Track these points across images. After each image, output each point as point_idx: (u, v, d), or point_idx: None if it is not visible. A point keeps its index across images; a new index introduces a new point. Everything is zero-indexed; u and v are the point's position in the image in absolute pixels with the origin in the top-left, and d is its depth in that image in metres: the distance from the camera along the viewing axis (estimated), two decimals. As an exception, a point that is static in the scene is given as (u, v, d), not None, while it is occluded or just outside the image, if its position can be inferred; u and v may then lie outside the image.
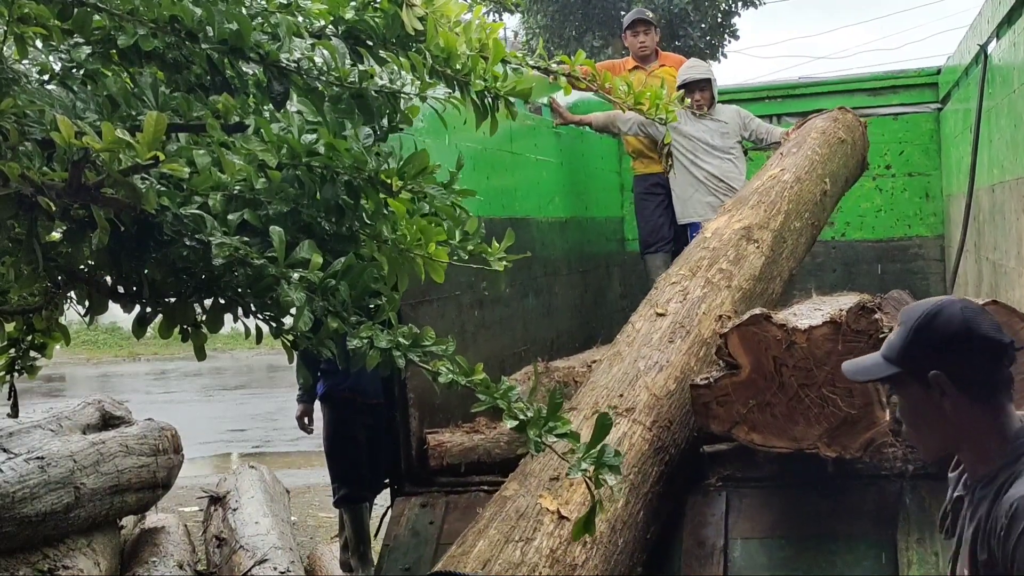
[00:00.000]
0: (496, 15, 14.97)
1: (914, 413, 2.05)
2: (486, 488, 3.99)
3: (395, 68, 2.64)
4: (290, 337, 2.42)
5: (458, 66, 2.73)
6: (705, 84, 6.33)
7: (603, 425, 2.45)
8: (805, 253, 4.99)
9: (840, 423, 3.40)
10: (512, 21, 21.11)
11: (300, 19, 2.65)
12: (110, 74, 2.47)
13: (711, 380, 3.49)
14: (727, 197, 6.19)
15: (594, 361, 5.11)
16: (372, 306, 2.48)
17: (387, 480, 4.20)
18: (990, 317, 2.03)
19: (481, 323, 4.80)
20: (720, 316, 3.98)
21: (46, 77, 2.50)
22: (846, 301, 4.04)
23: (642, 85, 6.46)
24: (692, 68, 6.47)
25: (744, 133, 6.43)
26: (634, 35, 6.93)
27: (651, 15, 7.10)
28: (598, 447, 2.44)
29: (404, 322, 2.53)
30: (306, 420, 5.74)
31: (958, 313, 2.00)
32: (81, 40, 2.48)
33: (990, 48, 5.17)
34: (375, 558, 5.08)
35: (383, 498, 5.07)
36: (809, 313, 3.62)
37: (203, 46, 2.41)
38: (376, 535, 4.29)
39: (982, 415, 1.98)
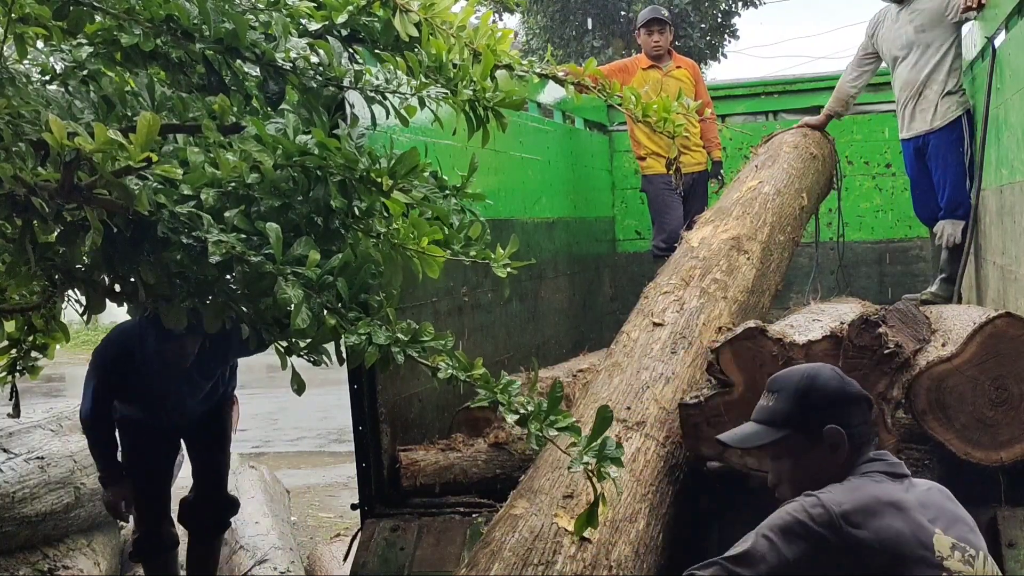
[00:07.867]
0: (497, 15, 14.83)
1: (797, 469, 2.27)
2: (462, 510, 3.78)
3: (391, 68, 2.66)
4: (283, 344, 2.44)
5: (450, 75, 2.73)
6: None
7: (604, 418, 2.47)
8: (786, 269, 4.76)
9: (841, 446, 3.14)
10: (512, 21, 20.94)
11: (290, 18, 2.64)
12: (112, 74, 2.48)
13: (701, 399, 3.23)
14: (927, 102, 5.46)
15: (580, 370, 4.87)
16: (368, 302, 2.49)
17: (356, 503, 3.92)
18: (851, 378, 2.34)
19: (461, 330, 4.54)
20: (720, 328, 3.75)
21: (47, 77, 2.52)
22: (846, 310, 3.79)
23: (658, 84, 6.30)
24: None
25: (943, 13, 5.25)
26: (648, 34, 6.73)
27: (667, 14, 6.89)
28: (599, 440, 2.46)
29: None
30: (123, 505, 4.48)
31: (833, 375, 2.30)
32: (84, 40, 2.48)
33: (997, 41, 4.93)
34: None
35: (353, 517, 4.79)
36: (807, 325, 3.37)
37: (199, 46, 2.40)
38: (345, 559, 4.03)
39: (850, 461, 2.22)
